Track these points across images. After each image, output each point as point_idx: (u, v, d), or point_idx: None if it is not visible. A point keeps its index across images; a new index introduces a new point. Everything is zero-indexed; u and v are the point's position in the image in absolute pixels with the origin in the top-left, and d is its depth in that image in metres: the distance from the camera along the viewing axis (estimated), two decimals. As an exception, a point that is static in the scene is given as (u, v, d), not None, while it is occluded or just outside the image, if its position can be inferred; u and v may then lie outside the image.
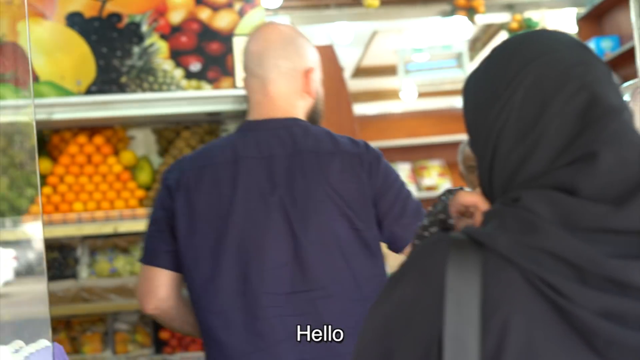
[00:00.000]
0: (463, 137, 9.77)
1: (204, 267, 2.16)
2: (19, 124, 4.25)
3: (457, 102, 10.48)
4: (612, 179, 1.13)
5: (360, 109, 10.18)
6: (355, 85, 9.86)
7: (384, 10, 6.49)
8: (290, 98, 2.26)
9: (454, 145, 10.27)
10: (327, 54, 5.43)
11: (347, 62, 8.76)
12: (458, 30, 7.03)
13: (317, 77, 2.30)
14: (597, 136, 1.14)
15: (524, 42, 1.23)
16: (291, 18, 6.10)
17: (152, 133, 4.64)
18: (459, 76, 7.83)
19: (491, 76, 1.23)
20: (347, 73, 9.35)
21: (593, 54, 1.22)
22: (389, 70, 9.19)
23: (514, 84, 1.18)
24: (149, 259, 2.29)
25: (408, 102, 10.09)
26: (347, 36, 7.26)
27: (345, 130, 5.41)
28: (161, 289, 2.24)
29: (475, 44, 8.61)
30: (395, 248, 2.23)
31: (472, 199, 1.27)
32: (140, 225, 4.24)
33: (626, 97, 1.98)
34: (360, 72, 9.46)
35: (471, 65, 8.25)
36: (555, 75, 1.17)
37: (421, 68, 7.99)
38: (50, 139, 4.51)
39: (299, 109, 2.27)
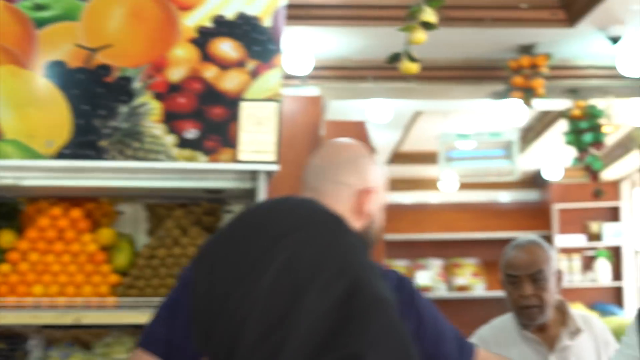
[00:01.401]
0: (505, 235, 9.05)
1: None
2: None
3: (501, 196, 9.73)
4: None
5: (395, 197, 9.49)
6: (391, 171, 9.16)
7: (429, 87, 5.80)
8: (342, 215, 2.11)
9: (493, 243, 9.55)
10: (357, 131, 4.78)
11: (384, 145, 8.08)
12: (510, 116, 6.29)
13: (376, 199, 2.18)
14: (361, 335, 0.95)
15: (274, 212, 1.09)
16: (322, 89, 5.43)
17: (144, 209, 3.94)
18: (506, 168, 7.09)
19: (233, 251, 1.04)
20: (384, 157, 8.65)
21: (350, 231, 1.06)
22: (430, 157, 8.49)
23: (261, 266, 1.01)
24: None
25: (447, 193, 9.35)
26: (386, 115, 6.56)
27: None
28: None
29: (528, 134, 7.88)
30: None
31: None
32: (108, 318, 3.53)
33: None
34: (398, 157, 8.76)
35: (521, 158, 7.51)
36: (309, 257, 1.01)
37: (465, 156, 7.27)
38: (25, 208, 3.85)
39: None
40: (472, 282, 9.07)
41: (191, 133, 3.41)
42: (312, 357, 0.92)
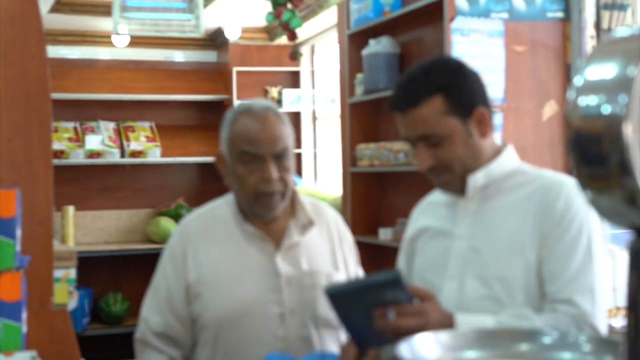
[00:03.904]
0: (181, 97, 8.35)
1: None
2: None
3: (177, 56, 8.99)
4: None
5: (60, 51, 8.41)
6: (54, 22, 8.03)
7: None
8: None
9: (168, 105, 8.85)
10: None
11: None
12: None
13: None
14: None
15: None
16: None
17: None
18: (189, 22, 6.34)
19: None
20: (45, 6, 7.51)
21: None
22: (101, 7, 7.51)
23: None
24: None
25: (119, 49, 8.44)
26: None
27: (33, 76, 3.88)
28: None
29: (211, -13, 7.14)
30: None
31: None
32: None
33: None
34: (63, 5, 7.65)
35: (206, 12, 6.77)
36: None
37: (142, 6, 6.39)
38: None
39: None
40: (147, 147, 8.35)
41: None
42: None
